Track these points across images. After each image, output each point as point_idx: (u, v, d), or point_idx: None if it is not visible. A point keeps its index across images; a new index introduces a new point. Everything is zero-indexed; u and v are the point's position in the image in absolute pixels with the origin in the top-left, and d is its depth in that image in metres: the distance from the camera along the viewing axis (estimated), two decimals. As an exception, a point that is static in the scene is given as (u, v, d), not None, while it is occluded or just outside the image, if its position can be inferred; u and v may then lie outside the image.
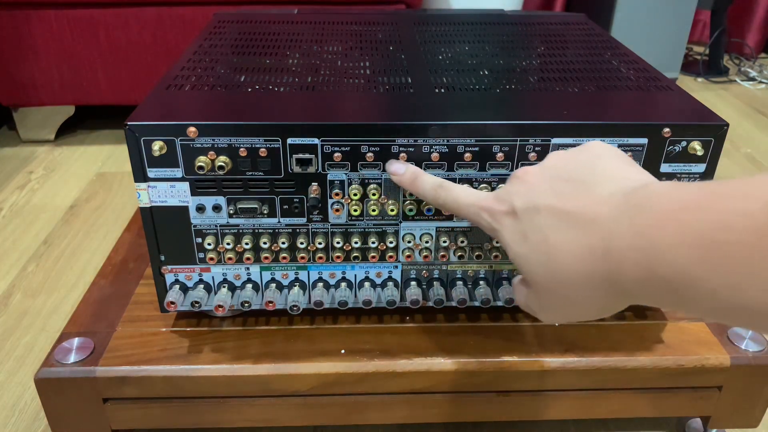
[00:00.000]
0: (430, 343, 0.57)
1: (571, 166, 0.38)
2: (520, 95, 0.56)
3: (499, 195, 0.40)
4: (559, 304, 0.37)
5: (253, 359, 0.55)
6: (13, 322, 0.84)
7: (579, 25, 0.78)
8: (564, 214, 0.35)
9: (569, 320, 0.38)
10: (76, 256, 0.98)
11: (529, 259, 0.37)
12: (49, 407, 0.55)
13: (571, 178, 0.37)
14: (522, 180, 0.39)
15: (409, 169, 0.49)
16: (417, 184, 0.48)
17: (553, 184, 0.37)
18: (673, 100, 0.55)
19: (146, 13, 1.23)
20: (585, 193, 0.35)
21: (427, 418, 0.58)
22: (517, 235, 0.38)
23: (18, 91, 1.28)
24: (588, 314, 0.37)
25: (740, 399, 0.58)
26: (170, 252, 0.54)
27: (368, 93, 0.55)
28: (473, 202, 0.42)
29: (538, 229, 0.36)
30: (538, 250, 0.36)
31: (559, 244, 0.35)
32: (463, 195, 0.44)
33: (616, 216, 0.32)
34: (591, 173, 0.36)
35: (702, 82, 1.83)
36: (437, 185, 0.47)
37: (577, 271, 0.34)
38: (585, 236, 0.34)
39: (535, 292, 0.38)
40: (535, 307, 0.39)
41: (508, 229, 0.38)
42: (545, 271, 0.36)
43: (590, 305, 0.35)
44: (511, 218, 0.38)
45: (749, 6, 1.99)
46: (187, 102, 0.52)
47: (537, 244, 0.36)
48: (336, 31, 0.74)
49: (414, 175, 0.49)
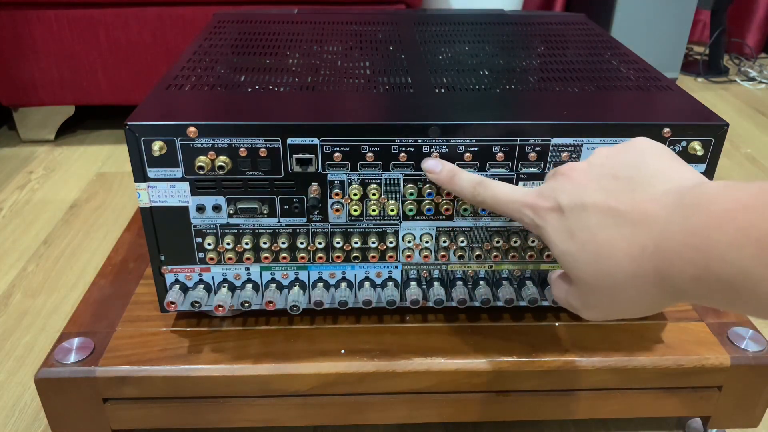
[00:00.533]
0: (430, 343, 0.57)
1: (618, 163, 0.37)
2: (520, 95, 0.56)
3: (542, 191, 0.40)
4: (605, 302, 0.37)
5: (253, 359, 0.55)
6: (13, 322, 0.84)
7: (579, 25, 0.78)
8: (614, 212, 0.35)
9: (612, 317, 0.38)
10: (76, 256, 0.98)
11: (576, 256, 0.37)
12: (49, 407, 0.55)
13: (620, 175, 0.36)
14: (567, 176, 0.39)
15: (445, 166, 0.49)
16: (454, 182, 0.48)
17: (601, 181, 0.37)
18: (673, 100, 0.55)
19: (146, 13, 1.23)
20: (635, 191, 0.35)
21: (427, 418, 0.58)
22: (562, 233, 0.37)
23: (18, 91, 1.28)
24: (633, 312, 0.37)
25: (740, 399, 0.58)
26: (170, 252, 0.54)
27: (368, 93, 0.55)
28: (515, 198, 0.42)
29: (585, 226, 0.36)
30: (585, 247, 0.36)
31: (608, 242, 0.35)
32: (503, 192, 0.43)
33: (669, 215, 0.32)
34: (639, 171, 0.36)
35: (702, 82, 1.83)
36: (476, 182, 0.46)
37: (626, 269, 0.34)
38: (636, 234, 0.34)
39: (578, 289, 0.38)
40: (576, 304, 0.39)
41: (553, 225, 0.38)
42: (593, 268, 0.36)
43: (637, 303, 0.35)
44: (556, 215, 0.38)
45: (749, 6, 1.99)
46: (187, 102, 0.52)
47: (584, 241, 0.36)
48: (336, 31, 0.74)
49: (451, 172, 0.48)
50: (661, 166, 0.36)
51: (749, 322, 0.60)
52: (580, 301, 0.39)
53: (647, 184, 0.35)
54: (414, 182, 0.51)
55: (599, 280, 0.36)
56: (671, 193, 0.34)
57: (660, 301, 0.35)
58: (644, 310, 0.36)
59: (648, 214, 0.34)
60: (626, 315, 0.37)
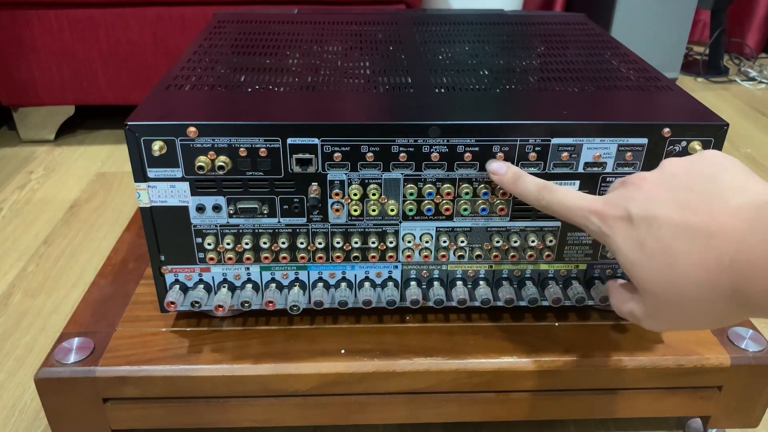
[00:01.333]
0: (430, 343, 0.57)
1: (692, 175, 0.37)
2: (520, 95, 0.56)
3: (611, 199, 0.40)
4: (672, 313, 0.37)
5: (253, 359, 0.55)
6: (13, 322, 0.84)
7: (579, 25, 0.78)
8: (688, 224, 0.35)
9: (678, 329, 0.39)
10: (76, 256, 0.98)
11: (645, 266, 0.37)
12: (49, 407, 0.55)
13: (694, 188, 0.36)
14: (638, 186, 0.39)
15: (510, 168, 0.49)
16: (519, 185, 0.48)
17: (675, 193, 0.37)
18: (673, 100, 0.55)
19: (146, 13, 1.23)
20: (710, 204, 0.35)
21: (427, 418, 0.58)
22: (631, 242, 0.37)
23: (18, 91, 1.28)
24: (701, 324, 0.37)
25: (740, 399, 0.58)
26: (170, 252, 0.54)
27: (368, 93, 0.55)
28: (582, 205, 0.42)
29: (656, 237, 0.36)
30: (655, 257, 0.36)
31: (681, 254, 0.35)
32: (569, 198, 0.43)
33: (747, 229, 0.33)
34: (714, 184, 0.36)
35: (702, 82, 1.83)
36: (541, 186, 0.46)
37: (700, 282, 0.34)
38: (711, 247, 0.34)
39: (644, 300, 0.38)
40: (639, 314, 0.39)
41: (621, 234, 0.38)
42: (663, 279, 0.36)
43: (707, 316, 0.36)
44: (625, 224, 0.38)
45: (749, 6, 1.99)
46: (187, 102, 0.52)
47: (656, 252, 0.36)
48: (336, 31, 0.74)
49: (516, 175, 0.48)
50: (736, 179, 0.36)
51: (749, 322, 0.60)
52: (644, 312, 0.39)
53: (722, 197, 0.35)
54: (414, 182, 0.51)
55: (669, 291, 0.36)
56: (747, 207, 0.34)
57: (731, 315, 0.35)
58: (714, 323, 0.36)
59: (725, 227, 0.34)
60: (693, 327, 0.38)
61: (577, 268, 0.57)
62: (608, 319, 0.60)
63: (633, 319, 0.40)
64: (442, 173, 0.51)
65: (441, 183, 0.51)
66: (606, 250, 0.56)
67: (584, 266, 0.57)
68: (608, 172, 0.52)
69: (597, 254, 0.56)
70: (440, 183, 0.51)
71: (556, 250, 0.55)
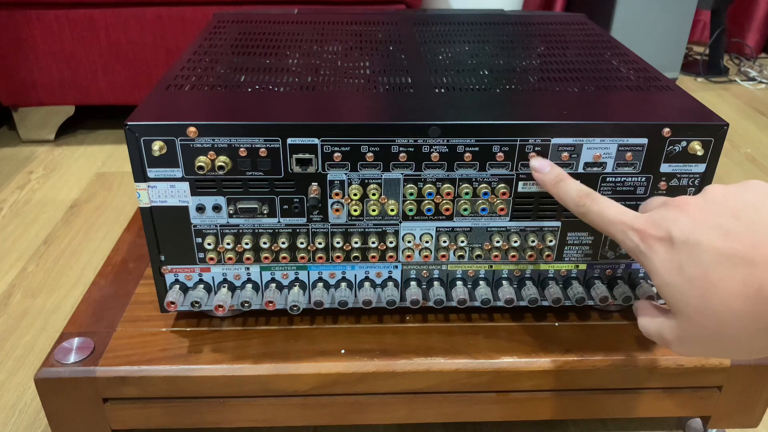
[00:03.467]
0: (430, 343, 0.57)
1: (738, 203, 0.37)
2: (520, 95, 0.56)
3: (654, 219, 0.39)
4: (706, 340, 0.36)
5: (253, 359, 0.55)
6: (13, 322, 0.84)
7: (579, 25, 0.78)
8: (731, 252, 0.35)
9: (711, 356, 0.38)
10: (76, 256, 0.98)
11: (682, 290, 0.36)
12: (49, 407, 0.55)
13: (739, 216, 0.36)
14: (682, 209, 0.38)
15: (554, 169, 0.49)
16: (560, 187, 0.48)
17: (719, 219, 0.36)
18: (673, 100, 0.55)
19: (146, 13, 1.23)
20: (754, 233, 0.35)
21: (427, 418, 0.58)
22: (671, 264, 0.37)
23: (18, 91, 1.28)
24: (737, 353, 0.37)
25: (740, 399, 0.58)
26: (170, 252, 0.54)
27: (368, 93, 0.55)
28: (623, 220, 0.41)
29: (697, 262, 0.36)
30: (694, 283, 0.36)
31: (721, 281, 0.34)
32: (611, 210, 0.43)
33: None
34: (760, 214, 0.36)
35: (702, 82, 1.83)
36: (584, 194, 0.45)
37: (738, 310, 0.34)
38: (752, 276, 0.33)
39: (678, 324, 0.38)
40: (670, 337, 0.39)
41: (660, 256, 0.38)
42: (702, 306, 0.35)
43: (744, 344, 0.35)
44: (666, 246, 0.38)
45: (749, 6, 1.99)
46: (187, 102, 0.52)
47: (694, 277, 0.36)
48: (336, 31, 0.74)
49: (558, 177, 0.48)
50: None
51: (749, 322, 0.60)
52: (676, 336, 0.38)
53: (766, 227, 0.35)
54: (414, 182, 0.51)
55: (706, 318, 0.35)
56: None
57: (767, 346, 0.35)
58: (751, 352, 0.36)
59: (765, 257, 0.33)
60: (726, 356, 0.37)
61: (577, 268, 0.57)
62: (608, 319, 0.60)
63: (660, 340, 0.40)
64: (442, 173, 0.51)
65: (441, 183, 0.51)
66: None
67: (584, 266, 0.57)
68: (608, 172, 0.52)
69: (597, 254, 0.56)
70: (440, 183, 0.51)
71: (556, 250, 0.55)
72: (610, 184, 0.52)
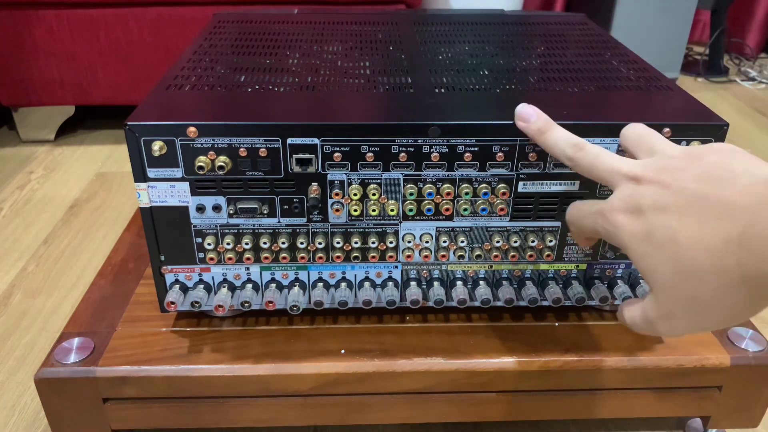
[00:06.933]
0: (430, 343, 0.57)
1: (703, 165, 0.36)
2: (520, 95, 0.56)
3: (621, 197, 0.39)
4: (686, 309, 0.35)
5: (253, 359, 0.55)
6: (13, 322, 0.84)
7: (579, 25, 0.78)
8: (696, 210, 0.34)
9: (694, 329, 0.37)
10: (76, 256, 0.98)
11: (654, 257, 0.36)
12: (49, 407, 0.55)
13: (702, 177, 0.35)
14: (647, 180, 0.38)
15: (540, 118, 0.47)
16: (548, 138, 0.46)
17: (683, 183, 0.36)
18: (673, 100, 0.55)
19: (146, 13, 1.23)
20: (719, 189, 0.34)
21: (427, 418, 0.58)
22: (639, 236, 0.37)
23: (18, 91, 1.28)
24: (718, 319, 0.35)
25: (740, 399, 0.58)
26: (170, 252, 0.54)
27: (368, 93, 0.55)
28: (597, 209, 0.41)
29: (665, 227, 0.35)
30: (665, 248, 0.35)
31: (689, 240, 0.34)
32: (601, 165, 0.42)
33: (756, 202, 0.32)
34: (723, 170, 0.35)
35: (702, 82, 1.83)
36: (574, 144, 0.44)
37: (709, 266, 0.33)
38: (719, 226, 0.33)
39: (656, 298, 0.37)
40: (653, 315, 0.38)
41: (629, 228, 0.37)
42: (672, 269, 0.35)
43: (723, 306, 0.34)
44: (633, 217, 0.37)
45: (749, 6, 1.99)
46: (187, 102, 0.52)
47: (664, 241, 0.35)
48: (336, 31, 0.74)
49: (546, 126, 0.46)
50: (744, 165, 0.35)
51: (749, 322, 0.60)
52: (659, 313, 0.37)
53: (731, 180, 0.34)
54: (414, 182, 0.51)
55: (680, 282, 0.35)
56: (757, 185, 0.33)
57: (745, 305, 0.34)
58: (731, 316, 0.35)
59: (733, 205, 0.33)
60: (709, 324, 0.36)
61: (577, 268, 0.57)
62: (608, 319, 0.60)
63: (647, 324, 0.39)
64: (442, 173, 0.51)
65: (441, 183, 0.51)
66: (607, 249, 0.56)
67: (584, 266, 0.57)
68: (608, 172, 0.52)
69: (597, 254, 0.56)
70: (440, 183, 0.51)
71: (556, 250, 0.55)
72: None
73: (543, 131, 0.47)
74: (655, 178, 0.37)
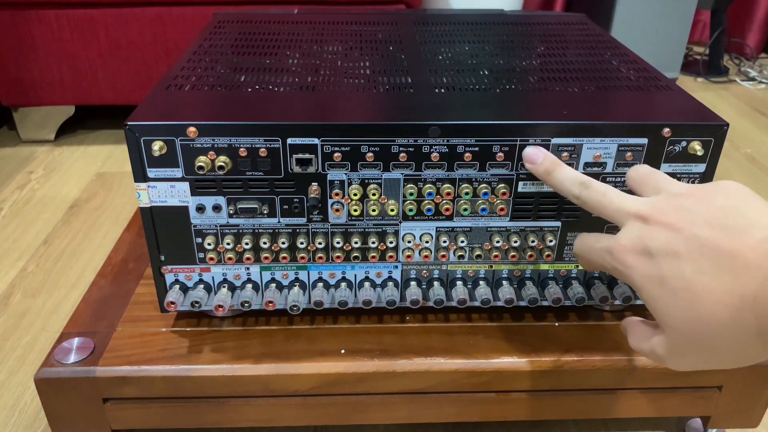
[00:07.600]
0: (430, 343, 0.57)
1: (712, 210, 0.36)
2: (520, 95, 0.56)
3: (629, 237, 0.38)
4: (698, 352, 0.36)
5: (253, 359, 0.55)
6: (13, 322, 0.84)
7: (579, 25, 0.78)
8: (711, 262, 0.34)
9: (705, 368, 0.37)
10: (76, 256, 0.98)
11: (668, 303, 0.36)
12: (49, 407, 0.55)
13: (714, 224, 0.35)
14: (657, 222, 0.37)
15: (546, 159, 0.48)
16: (554, 178, 0.47)
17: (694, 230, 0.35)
18: (673, 100, 0.55)
19: (146, 13, 1.23)
20: (731, 241, 0.34)
21: (427, 418, 0.58)
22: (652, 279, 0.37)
23: (18, 91, 1.28)
24: (730, 362, 0.36)
25: (740, 399, 0.58)
26: (170, 252, 0.54)
27: (368, 93, 0.55)
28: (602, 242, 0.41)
29: (680, 275, 0.35)
30: (680, 295, 0.35)
31: (706, 292, 0.34)
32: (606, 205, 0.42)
33: None
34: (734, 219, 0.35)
35: (702, 82, 1.83)
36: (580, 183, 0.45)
37: (725, 319, 0.33)
38: (735, 284, 0.33)
39: (668, 338, 0.37)
40: (662, 352, 0.38)
41: (641, 271, 0.37)
42: (687, 316, 0.35)
43: (735, 353, 0.35)
44: (645, 260, 0.37)
45: (749, 6, 1.99)
46: (187, 102, 0.52)
47: (679, 290, 0.35)
48: (336, 31, 0.74)
49: (552, 166, 0.48)
50: (756, 214, 0.35)
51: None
52: (668, 351, 0.37)
53: (744, 232, 0.34)
54: (414, 182, 0.51)
55: (693, 329, 0.35)
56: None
57: (760, 353, 0.34)
58: (742, 360, 0.35)
59: (745, 261, 0.33)
60: (721, 365, 0.36)
61: (577, 268, 0.57)
62: (608, 319, 0.60)
63: (654, 357, 0.39)
64: (442, 173, 0.51)
65: (441, 183, 0.51)
66: None
67: (584, 266, 0.57)
68: (608, 172, 0.52)
69: (597, 254, 0.56)
70: (440, 183, 0.51)
71: (556, 250, 0.55)
72: (611, 184, 0.52)
73: (550, 171, 0.48)
74: (663, 219, 0.37)
